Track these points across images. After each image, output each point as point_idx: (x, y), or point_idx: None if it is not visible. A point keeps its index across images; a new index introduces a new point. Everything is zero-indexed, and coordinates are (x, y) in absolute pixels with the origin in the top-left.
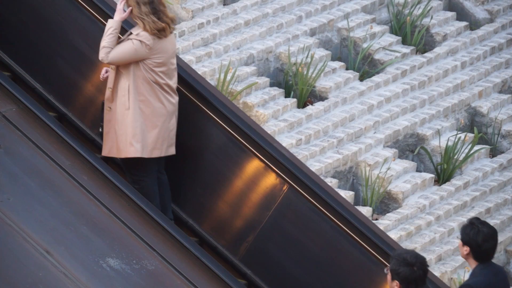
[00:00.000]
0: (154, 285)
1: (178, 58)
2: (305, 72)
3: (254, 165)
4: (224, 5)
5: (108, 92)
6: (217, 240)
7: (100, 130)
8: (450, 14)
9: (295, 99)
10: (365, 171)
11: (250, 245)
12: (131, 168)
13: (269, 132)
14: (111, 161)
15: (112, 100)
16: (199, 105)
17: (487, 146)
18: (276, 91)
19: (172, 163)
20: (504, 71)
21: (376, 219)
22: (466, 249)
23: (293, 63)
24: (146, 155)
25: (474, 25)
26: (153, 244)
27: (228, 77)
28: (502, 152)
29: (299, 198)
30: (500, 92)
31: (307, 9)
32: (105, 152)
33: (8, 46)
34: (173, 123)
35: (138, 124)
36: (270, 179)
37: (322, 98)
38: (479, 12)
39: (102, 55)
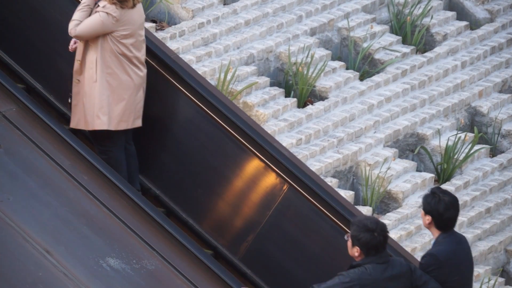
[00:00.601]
0: (154, 285)
1: (178, 58)
2: (305, 72)
3: (254, 164)
4: (224, 4)
5: (76, 65)
6: (217, 239)
7: (69, 101)
8: (450, 13)
9: (295, 99)
10: (365, 170)
11: (250, 245)
12: (99, 140)
13: (269, 131)
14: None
15: (81, 72)
16: (199, 105)
17: (487, 145)
18: (276, 91)
19: (172, 163)
20: (504, 70)
21: None
22: (428, 219)
23: (293, 62)
24: (112, 127)
25: (474, 24)
26: (153, 244)
27: (228, 77)
28: (502, 152)
29: (299, 198)
30: (500, 91)
31: (307, 9)
32: (73, 124)
33: (7, 44)
34: (140, 95)
35: (104, 97)
36: (270, 179)
37: (322, 98)
38: (479, 12)
39: (70, 28)
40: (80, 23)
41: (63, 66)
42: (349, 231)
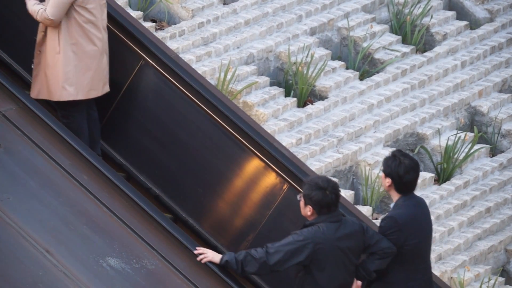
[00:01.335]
0: (154, 284)
1: (178, 57)
2: (305, 72)
3: (254, 164)
4: (224, 4)
5: (39, 36)
6: (217, 239)
7: (32, 66)
8: (450, 13)
9: (295, 99)
10: (365, 170)
11: (251, 245)
12: (63, 106)
13: (269, 131)
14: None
15: (43, 43)
16: (199, 105)
17: (487, 145)
18: (276, 91)
19: (172, 163)
20: (504, 70)
21: (376, 219)
22: (388, 181)
23: (293, 62)
24: (82, 97)
25: (474, 24)
26: (153, 243)
27: (228, 77)
28: (502, 152)
29: None
30: (500, 91)
31: (307, 9)
32: (33, 95)
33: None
34: (105, 61)
35: (70, 68)
36: (270, 179)
37: (322, 98)
38: (479, 12)
39: (40, 17)
40: (44, 8)
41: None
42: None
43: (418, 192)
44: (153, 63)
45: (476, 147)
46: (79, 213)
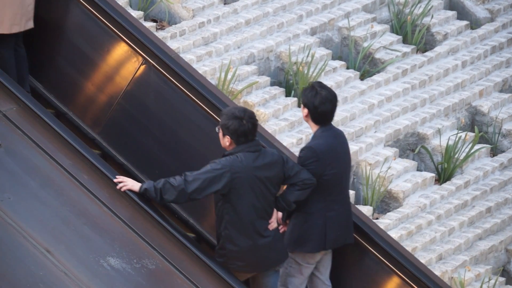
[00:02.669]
0: (155, 284)
1: (178, 57)
2: (305, 71)
3: None
4: (224, 4)
5: None
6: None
7: None
8: (450, 13)
9: (295, 98)
10: (365, 170)
11: None
12: None
13: (269, 131)
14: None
15: None
16: (199, 104)
17: (487, 145)
18: (277, 90)
19: (173, 164)
20: (505, 70)
21: (377, 218)
22: (305, 111)
23: (293, 62)
24: (5, 31)
25: (474, 24)
26: (154, 243)
27: (229, 76)
28: (503, 151)
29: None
30: (501, 91)
31: (307, 8)
32: None
33: None
34: None
35: None
36: None
37: None
38: (480, 11)
39: None
40: None
41: (63, 65)
42: None
43: (418, 192)
44: (153, 63)
45: (476, 147)
46: (79, 213)
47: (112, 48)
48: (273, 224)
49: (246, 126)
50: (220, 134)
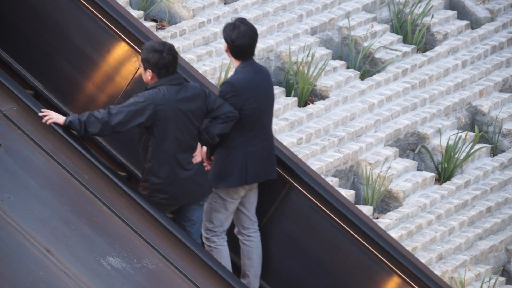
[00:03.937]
0: (155, 284)
1: (179, 57)
2: (306, 71)
3: None
4: (225, 4)
5: None
6: None
7: None
8: (451, 13)
9: (296, 98)
10: (366, 170)
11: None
12: None
13: None
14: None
15: None
16: None
17: (488, 145)
18: (277, 90)
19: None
20: (505, 70)
21: (377, 218)
22: (225, 46)
23: (294, 62)
24: None
25: (475, 24)
26: (154, 242)
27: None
28: (503, 151)
29: (300, 197)
30: (501, 91)
31: (308, 8)
32: None
33: (8, 44)
34: None
35: None
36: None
37: (323, 97)
38: (480, 11)
39: None
40: None
41: (63, 65)
42: (347, 227)
43: (418, 192)
44: None
45: (477, 146)
46: (80, 212)
47: (112, 47)
48: (196, 158)
49: (166, 58)
50: (142, 69)
